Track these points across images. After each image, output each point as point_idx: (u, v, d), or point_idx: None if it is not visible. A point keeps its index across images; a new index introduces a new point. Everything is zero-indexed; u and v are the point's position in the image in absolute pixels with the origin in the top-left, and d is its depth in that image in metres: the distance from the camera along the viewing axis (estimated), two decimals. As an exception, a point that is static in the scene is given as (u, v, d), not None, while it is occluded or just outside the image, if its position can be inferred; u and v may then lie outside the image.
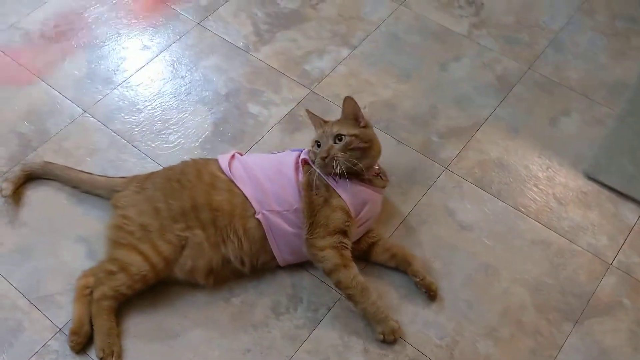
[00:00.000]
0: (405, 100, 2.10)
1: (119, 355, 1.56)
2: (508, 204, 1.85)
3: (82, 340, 1.56)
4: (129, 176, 1.78)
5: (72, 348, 1.56)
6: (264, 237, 1.63)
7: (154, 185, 1.69)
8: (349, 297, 1.59)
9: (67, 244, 1.76)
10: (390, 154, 1.95)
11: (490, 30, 2.30)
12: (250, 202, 1.62)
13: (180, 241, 1.61)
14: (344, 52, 2.24)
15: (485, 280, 1.71)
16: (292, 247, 1.64)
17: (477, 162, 1.94)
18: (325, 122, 1.70)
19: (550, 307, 1.66)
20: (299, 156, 1.69)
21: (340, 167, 1.58)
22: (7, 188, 1.79)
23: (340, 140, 1.61)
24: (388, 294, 1.67)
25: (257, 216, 1.61)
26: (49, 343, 1.59)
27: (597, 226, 1.81)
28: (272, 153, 1.79)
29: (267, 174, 1.65)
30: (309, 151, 1.68)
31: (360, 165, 1.61)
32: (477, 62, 2.21)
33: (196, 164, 1.72)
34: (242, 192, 1.63)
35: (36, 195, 1.85)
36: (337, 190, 1.62)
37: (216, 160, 1.72)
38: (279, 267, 1.70)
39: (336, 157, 1.58)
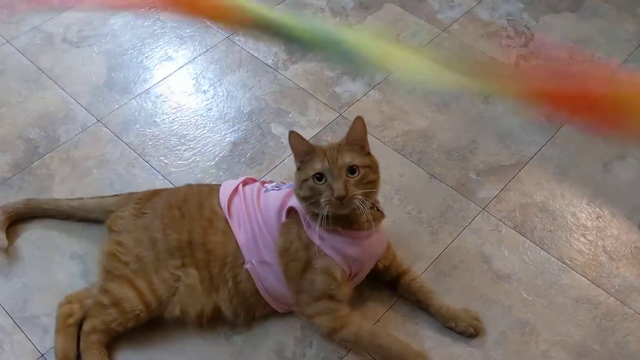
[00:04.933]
0: (442, 132, 1.92)
1: None
2: (551, 254, 1.64)
3: None
4: (123, 194, 1.64)
5: None
6: (257, 291, 1.44)
7: (154, 211, 1.52)
8: (362, 350, 1.41)
9: (62, 260, 1.62)
10: (422, 189, 1.77)
11: (539, 62, 2.12)
12: (240, 250, 1.44)
13: (174, 281, 1.44)
14: (378, 76, 2.08)
15: (521, 339, 1.49)
16: (286, 299, 1.46)
17: (518, 205, 1.75)
18: (321, 148, 1.37)
19: (595, 377, 1.44)
20: (283, 202, 1.44)
21: (361, 206, 1.30)
22: (2, 239, 1.60)
23: (353, 173, 1.33)
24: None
25: (246, 266, 1.43)
26: (28, 370, 1.44)
27: (653, 287, 1.59)
28: (270, 187, 1.53)
29: (258, 220, 1.45)
30: (297, 189, 1.38)
31: (370, 203, 1.36)
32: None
33: (200, 193, 1.55)
34: (235, 237, 1.45)
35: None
36: (322, 248, 1.38)
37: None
38: (286, 307, 1.52)
39: (355, 195, 1.30)
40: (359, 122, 1.37)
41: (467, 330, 1.48)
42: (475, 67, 2.10)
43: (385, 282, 1.55)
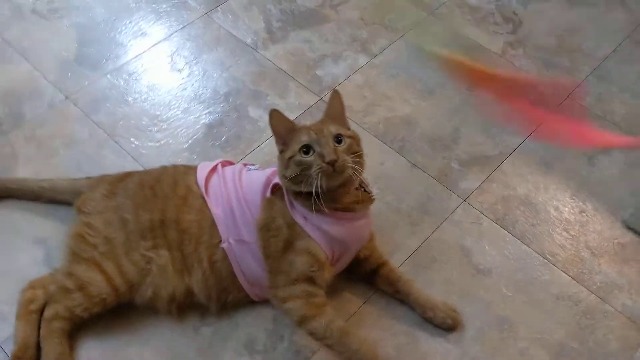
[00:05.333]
0: (425, 119, 1.86)
1: None
2: (533, 249, 1.60)
3: None
4: (96, 177, 1.56)
5: None
6: (232, 272, 1.38)
7: (126, 191, 1.45)
8: (328, 347, 1.34)
9: (25, 245, 1.54)
10: (403, 179, 1.72)
11: (527, 50, 2.06)
12: (217, 228, 1.37)
13: (145, 263, 1.37)
14: (362, 60, 2.01)
15: (499, 336, 1.45)
16: (263, 282, 1.39)
17: (500, 197, 1.70)
18: (304, 125, 1.36)
19: (573, 376, 1.41)
20: (269, 179, 1.39)
21: (352, 173, 1.27)
22: None
23: (339, 142, 1.29)
24: (384, 341, 1.43)
25: (222, 245, 1.37)
26: (-16, 359, 1.37)
27: (634, 285, 1.55)
28: (253, 168, 1.48)
29: (239, 196, 1.39)
30: (283, 170, 1.32)
31: (359, 182, 1.33)
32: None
33: (175, 172, 1.48)
34: (212, 214, 1.39)
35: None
36: (305, 229, 1.33)
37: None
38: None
39: (346, 161, 1.26)
40: (337, 97, 1.35)
41: (445, 322, 1.44)
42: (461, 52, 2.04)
43: (363, 275, 1.50)
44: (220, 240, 1.37)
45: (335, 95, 1.36)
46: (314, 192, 1.25)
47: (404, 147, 1.79)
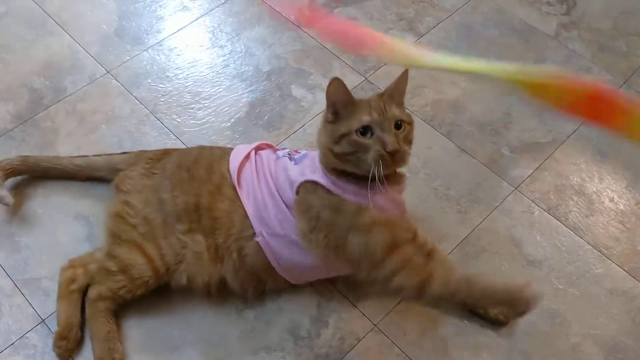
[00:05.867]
0: (474, 102, 1.80)
1: None
2: (586, 241, 1.54)
3: (71, 346, 1.33)
4: (132, 152, 1.53)
5: (60, 355, 1.32)
6: (267, 264, 1.33)
7: (164, 171, 1.42)
8: (460, 300, 1.24)
9: (66, 221, 1.53)
10: (451, 164, 1.66)
11: (581, 33, 1.98)
12: (250, 221, 1.31)
13: (181, 247, 1.34)
14: (408, 39, 1.94)
15: (550, 330, 1.40)
16: (304, 268, 1.34)
17: (553, 186, 1.63)
18: (363, 100, 1.26)
19: (627, 374, 1.36)
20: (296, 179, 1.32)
21: (405, 163, 1.25)
22: (6, 195, 1.47)
23: (398, 128, 1.23)
24: (431, 332, 1.39)
25: (256, 239, 1.31)
26: (27, 335, 1.36)
27: (693, 282, 1.49)
28: (281, 155, 1.40)
29: (270, 187, 1.32)
30: (331, 144, 1.25)
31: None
32: (563, 68, 1.89)
33: (212, 155, 1.43)
34: (243, 206, 1.33)
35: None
36: (361, 203, 1.23)
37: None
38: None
39: (407, 151, 1.23)
40: (405, 76, 1.30)
41: (497, 319, 1.39)
42: (511, 33, 1.95)
43: None
44: (252, 234, 1.31)
45: (405, 74, 1.30)
46: (370, 177, 1.19)
47: (453, 132, 1.73)
